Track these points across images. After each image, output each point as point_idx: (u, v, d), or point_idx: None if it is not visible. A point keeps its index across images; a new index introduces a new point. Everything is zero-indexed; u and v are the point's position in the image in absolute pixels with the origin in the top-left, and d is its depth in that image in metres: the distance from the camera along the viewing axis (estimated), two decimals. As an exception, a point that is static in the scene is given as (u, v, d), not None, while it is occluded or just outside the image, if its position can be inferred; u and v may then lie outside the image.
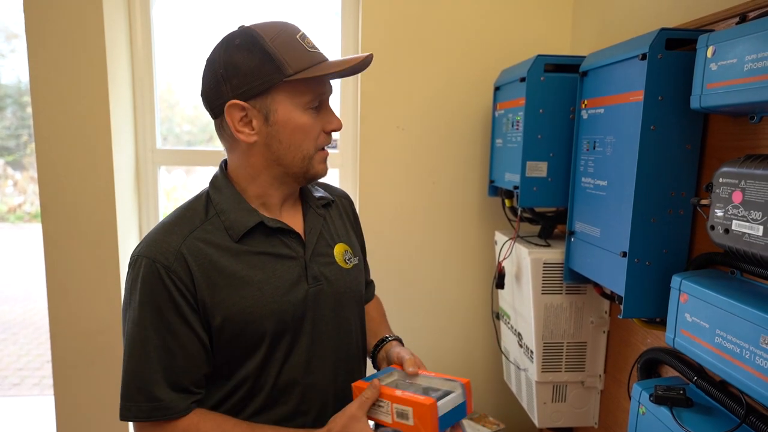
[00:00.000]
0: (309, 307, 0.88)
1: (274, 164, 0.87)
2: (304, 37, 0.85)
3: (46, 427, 2.69)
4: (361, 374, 1.01)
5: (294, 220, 0.93)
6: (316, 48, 0.86)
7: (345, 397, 0.89)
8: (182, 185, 2.27)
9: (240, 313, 0.82)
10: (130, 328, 0.82)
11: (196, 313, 0.82)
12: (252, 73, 0.81)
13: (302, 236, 0.91)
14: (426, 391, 0.82)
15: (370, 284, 1.17)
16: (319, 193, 1.01)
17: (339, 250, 0.96)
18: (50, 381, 1.82)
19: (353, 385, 0.85)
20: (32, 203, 9.86)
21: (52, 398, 1.75)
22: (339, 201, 1.05)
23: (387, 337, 1.04)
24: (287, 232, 0.89)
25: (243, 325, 0.83)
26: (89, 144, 1.64)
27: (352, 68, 0.84)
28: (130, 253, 0.85)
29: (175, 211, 0.89)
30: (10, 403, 3.23)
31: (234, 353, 0.85)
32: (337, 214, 1.02)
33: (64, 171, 1.64)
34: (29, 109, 1.61)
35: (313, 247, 0.92)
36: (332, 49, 1.81)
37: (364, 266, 1.11)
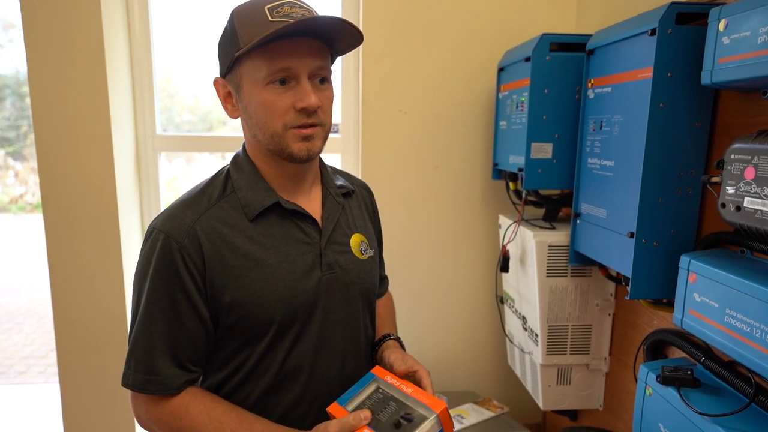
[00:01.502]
0: (321, 295, 0.87)
1: (257, 141, 0.85)
2: (279, 6, 0.77)
3: (52, 414, 2.72)
4: (369, 365, 0.98)
5: (312, 205, 0.91)
6: (290, 18, 0.76)
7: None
8: (183, 174, 2.25)
9: (249, 295, 0.82)
10: (138, 299, 0.83)
11: (201, 292, 0.82)
12: (222, 50, 0.84)
13: (319, 222, 0.89)
14: (398, 425, 0.78)
15: (383, 280, 1.15)
16: (340, 181, 0.98)
17: (356, 240, 0.94)
18: (55, 369, 1.83)
19: (328, 409, 0.82)
20: (33, 194, 9.87)
21: (58, 386, 1.76)
22: (359, 192, 1.03)
23: (387, 336, 1.02)
24: (303, 216, 0.88)
25: (251, 308, 0.82)
26: (89, 132, 1.62)
27: (297, 30, 0.75)
28: (132, 240, 0.85)
29: (196, 186, 0.89)
30: (17, 391, 3.25)
31: (241, 335, 0.84)
32: (356, 204, 1.00)
33: (64, 160, 1.63)
34: (28, 100, 1.60)
35: (330, 234, 0.90)
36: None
37: (379, 260, 1.09)
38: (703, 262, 0.87)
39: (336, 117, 1.83)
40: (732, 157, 0.82)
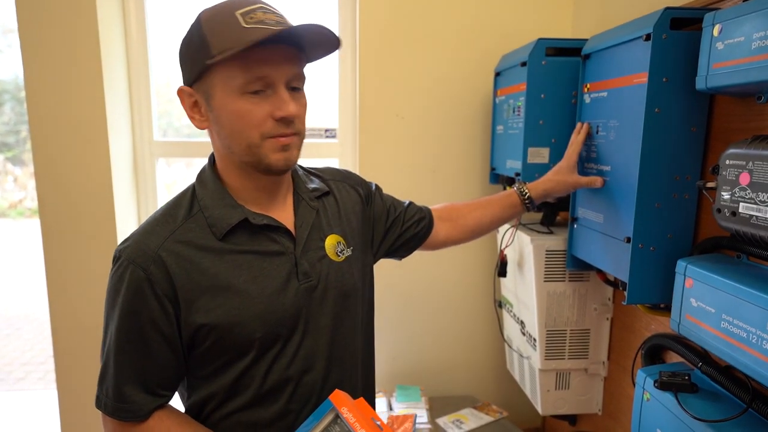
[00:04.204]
0: (302, 305, 0.85)
1: (230, 153, 0.82)
2: (251, 11, 0.74)
3: (51, 420, 2.71)
4: (355, 370, 0.96)
5: (284, 215, 0.88)
6: (264, 24, 0.73)
7: None
8: (183, 179, 2.25)
9: (224, 315, 0.79)
10: (107, 325, 0.82)
11: (171, 320, 0.80)
12: (187, 57, 0.79)
13: (292, 231, 0.87)
14: None
15: (421, 210, 1.13)
16: (314, 183, 0.95)
17: (331, 243, 0.91)
18: (54, 375, 1.83)
19: None
20: (33, 199, 9.85)
21: (56, 392, 1.75)
22: (337, 187, 0.99)
23: (515, 182, 1.12)
24: (276, 228, 0.85)
25: (228, 327, 0.80)
26: (85, 138, 1.63)
27: (280, 39, 0.73)
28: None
29: (162, 207, 0.86)
30: (16, 398, 3.25)
31: (222, 354, 0.82)
32: (333, 202, 0.97)
33: (61, 166, 1.63)
34: (27, 105, 1.60)
35: (304, 242, 0.87)
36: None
37: (396, 200, 1.12)
38: (699, 267, 0.87)
39: (333, 122, 1.84)
40: (727, 162, 0.82)
